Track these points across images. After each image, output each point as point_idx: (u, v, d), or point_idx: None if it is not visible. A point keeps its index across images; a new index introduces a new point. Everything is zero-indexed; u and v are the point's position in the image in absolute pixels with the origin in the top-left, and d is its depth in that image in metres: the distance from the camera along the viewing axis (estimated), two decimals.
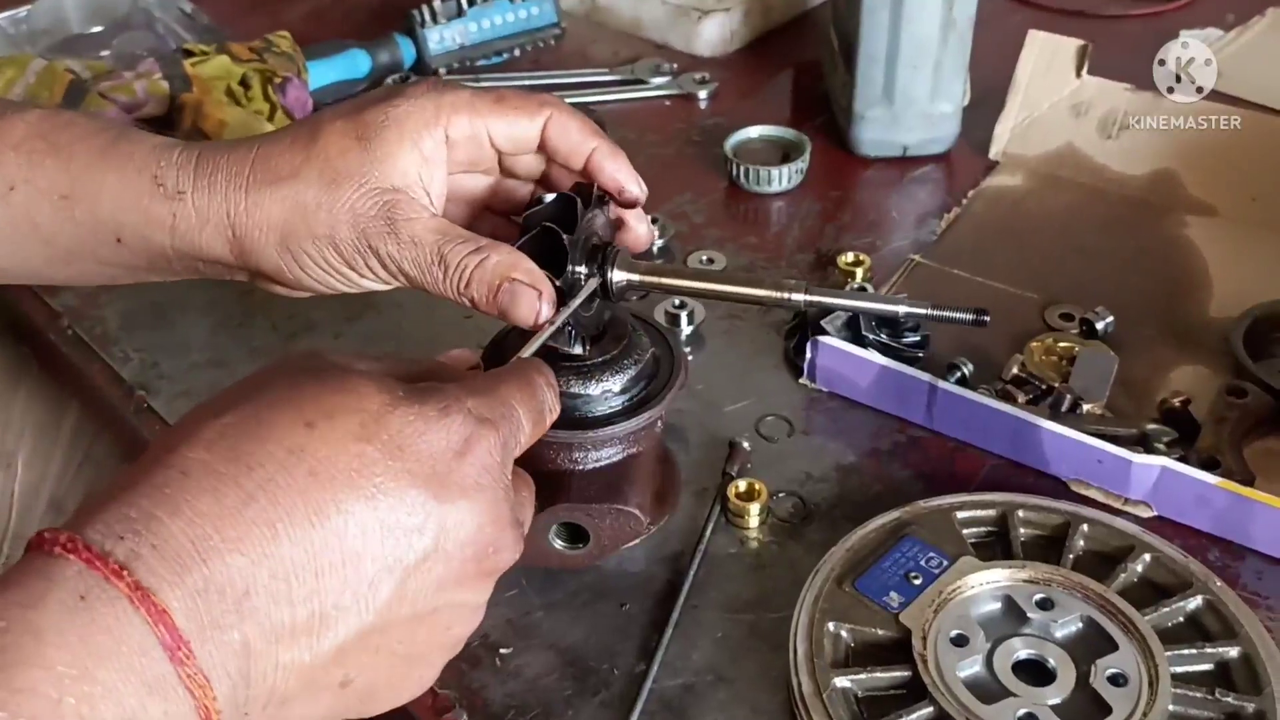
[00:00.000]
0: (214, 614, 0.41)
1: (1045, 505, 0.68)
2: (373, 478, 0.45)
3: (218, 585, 0.41)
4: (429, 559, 0.47)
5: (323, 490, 0.44)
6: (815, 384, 0.82)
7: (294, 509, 0.43)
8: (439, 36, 1.20)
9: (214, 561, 0.42)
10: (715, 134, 1.08)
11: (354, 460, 0.45)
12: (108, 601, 0.40)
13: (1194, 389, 0.78)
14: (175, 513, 0.42)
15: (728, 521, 0.72)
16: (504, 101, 0.62)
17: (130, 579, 0.40)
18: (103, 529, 0.41)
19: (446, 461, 0.48)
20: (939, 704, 0.57)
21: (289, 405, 0.46)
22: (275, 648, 0.43)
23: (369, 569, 0.45)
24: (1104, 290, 0.88)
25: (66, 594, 0.39)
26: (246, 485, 0.43)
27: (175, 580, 0.41)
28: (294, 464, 0.44)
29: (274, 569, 0.43)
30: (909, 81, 1.01)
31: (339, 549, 0.44)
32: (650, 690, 0.63)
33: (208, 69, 1.05)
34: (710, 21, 1.23)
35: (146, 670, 0.39)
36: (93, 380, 0.88)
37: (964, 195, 1.01)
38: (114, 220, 0.63)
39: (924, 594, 0.63)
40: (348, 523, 0.45)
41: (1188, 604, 0.63)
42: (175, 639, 0.40)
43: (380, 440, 0.46)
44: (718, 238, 0.98)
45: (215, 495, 0.43)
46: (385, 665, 0.48)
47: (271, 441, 0.44)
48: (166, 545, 0.41)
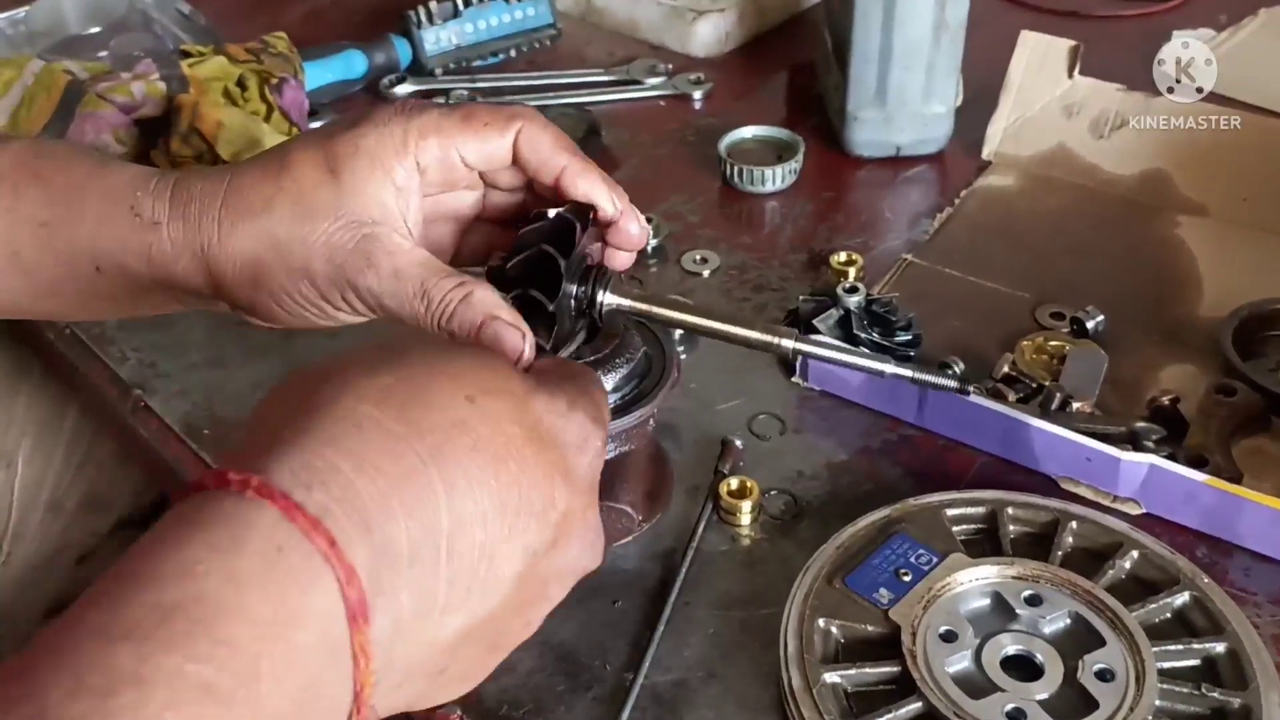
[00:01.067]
0: (388, 578, 0.40)
1: (1034, 503, 0.69)
2: (522, 461, 0.45)
3: (393, 549, 0.40)
4: (550, 552, 0.46)
5: (483, 468, 0.43)
6: (807, 382, 0.82)
7: (456, 482, 0.42)
8: (435, 37, 1.21)
9: (391, 524, 0.40)
10: (709, 134, 1.09)
11: (509, 442, 0.44)
12: (304, 556, 0.38)
13: (1183, 387, 0.78)
14: (359, 469, 0.40)
15: (719, 519, 0.73)
16: (472, 119, 0.60)
17: (326, 533, 0.38)
18: (290, 477, 0.39)
19: (573, 457, 0.48)
20: (928, 699, 0.58)
21: (446, 376, 0.45)
22: (422, 624, 0.42)
23: (506, 553, 0.44)
24: (1095, 289, 0.88)
25: (267, 545, 0.37)
26: (420, 449, 0.42)
27: (361, 539, 0.39)
28: (458, 435, 0.43)
29: (436, 540, 0.41)
30: (902, 82, 1.01)
31: (485, 529, 0.43)
32: (642, 686, 0.63)
33: (205, 70, 1.06)
34: (705, 22, 1.23)
35: (329, 633, 0.38)
36: (91, 380, 0.89)
37: (956, 195, 1.01)
38: (93, 249, 0.62)
39: (913, 590, 0.63)
40: (496, 504, 0.44)
41: (1175, 600, 0.63)
42: (360, 604, 0.38)
43: (527, 425, 0.46)
44: (711, 237, 0.98)
45: (394, 456, 0.41)
46: (476, 657, 0.47)
47: (437, 410, 0.43)
48: (353, 500, 0.39)
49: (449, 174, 0.61)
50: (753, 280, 0.93)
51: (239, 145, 1.03)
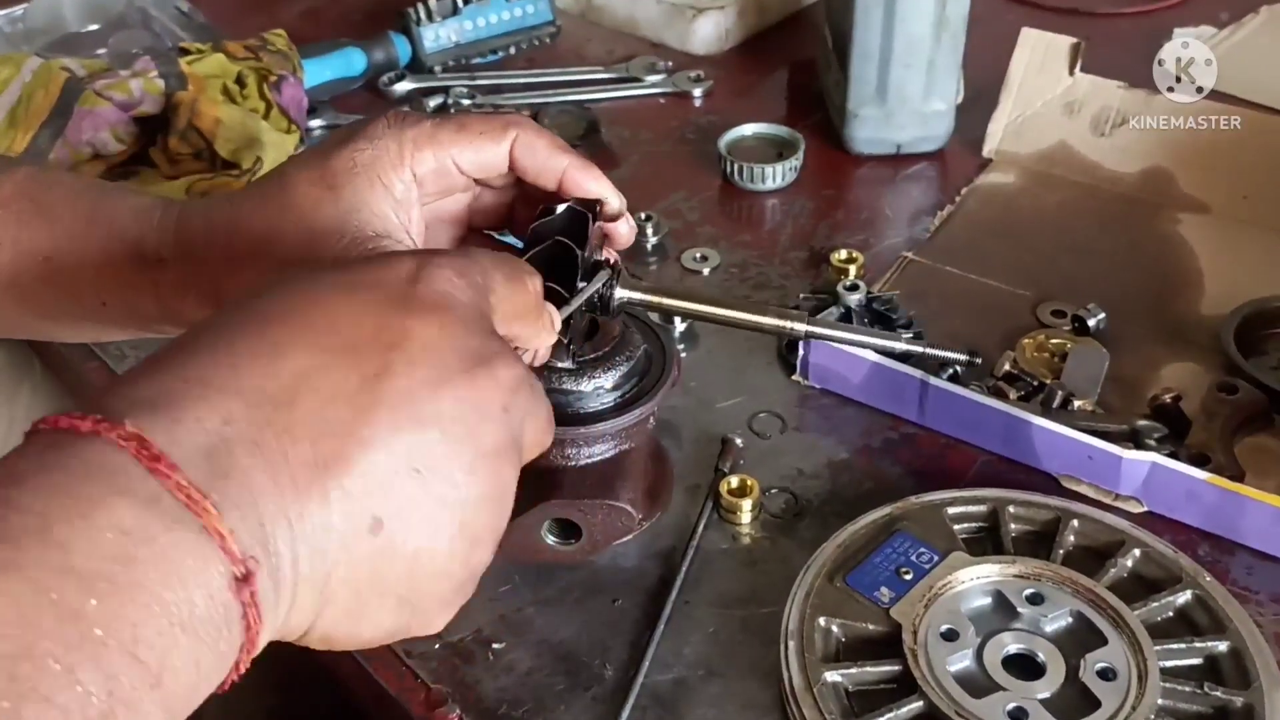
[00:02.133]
0: (198, 441, 0.39)
1: (1036, 501, 0.68)
2: (327, 305, 0.44)
3: (192, 418, 0.39)
4: (408, 372, 0.43)
5: (278, 328, 0.43)
6: (808, 381, 0.82)
7: (254, 349, 0.42)
8: (434, 35, 1.20)
9: (179, 400, 0.40)
10: (709, 132, 1.08)
11: (302, 300, 0.44)
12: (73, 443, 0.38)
13: (1185, 385, 0.78)
14: (137, 375, 0.41)
15: (720, 517, 0.72)
16: (467, 129, 0.60)
17: (93, 420, 0.38)
18: (97, 403, 0.39)
19: (405, 281, 0.46)
20: (929, 698, 0.58)
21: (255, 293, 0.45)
22: (278, 481, 0.40)
23: (344, 392, 0.42)
24: (1096, 287, 0.88)
25: (39, 445, 0.38)
26: (204, 338, 0.42)
27: (144, 415, 0.39)
28: (246, 316, 0.43)
29: (249, 401, 0.40)
30: (902, 80, 1.01)
31: (304, 378, 0.42)
32: (642, 685, 0.63)
33: (203, 67, 1.05)
34: (705, 20, 1.23)
35: (132, 487, 0.37)
36: (90, 379, 0.88)
37: (957, 193, 1.01)
38: (97, 284, 0.62)
39: (915, 589, 0.63)
40: (309, 350, 0.42)
41: (1177, 599, 0.63)
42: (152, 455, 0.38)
43: (327, 280, 0.45)
44: (711, 235, 0.98)
45: (175, 353, 0.42)
46: (413, 499, 0.43)
47: (230, 307, 0.44)
48: (130, 397, 0.40)
49: (445, 182, 0.61)
50: (753, 278, 0.93)
51: (237, 142, 1.02)
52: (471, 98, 1.17)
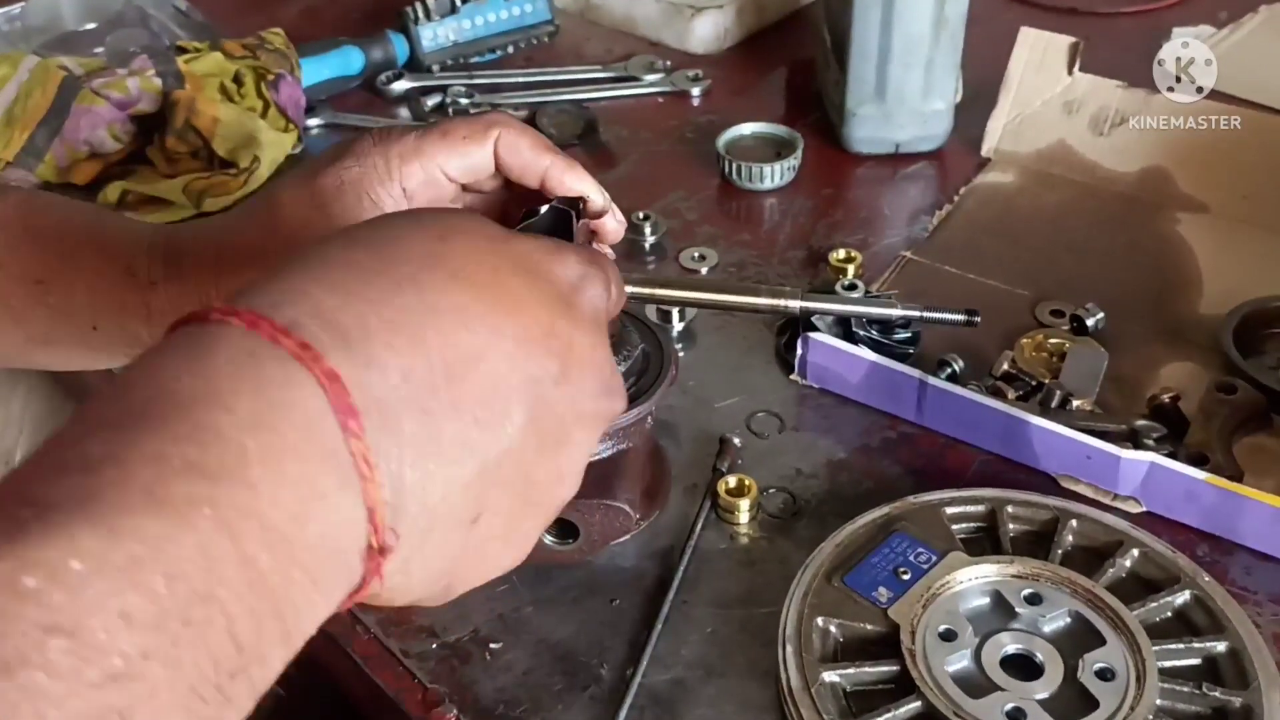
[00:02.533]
0: (378, 394, 0.37)
1: (1034, 501, 0.68)
2: (510, 289, 0.43)
3: (379, 365, 0.37)
4: (559, 384, 0.44)
5: (465, 293, 0.41)
6: (806, 380, 0.82)
7: (439, 307, 0.40)
8: (432, 34, 1.20)
9: (374, 340, 0.38)
10: (708, 131, 1.08)
11: (491, 272, 0.42)
12: (277, 361, 0.36)
13: (1184, 385, 0.78)
14: (332, 289, 0.38)
15: (718, 517, 0.72)
16: (450, 135, 0.60)
17: (298, 338, 0.36)
18: (258, 300, 0.37)
19: (569, 288, 0.46)
20: (927, 698, 0.58)
21: (416, 225, 0.43)
22: (429, 451, 0.39)
23: (510, 381, 0.42)
24: (1095, 287, 0.88)
25: (235, 350, 0.36)
26: (394, 275, 0.40)
27: (339, 350, 0.37)
28: (435, 265, 0.41)
29: (427, 360, 0.39)
30: (901, 79, 1.01)
31: (479, 350, 0.41)
32: (640, 685, 0.63)
33: (201, 66, 1.05)
34: (703, 19, 1.23)
35: (321, 438, 0.35)
36: (88, 377, 0.88)
37: (956, 192, 1.01)
38: (90, 308, 0.62)
39: (913, 589, 0.63)
40: (488, 327, 0.41)
41: (1176, 599, 0.63)
42: (347, 407, 0.36)
43: (511, 256, 0.44)
44: (710, 234, 0.98)
45: (364, 279, 0.39)
46: (507, 506, 0.44)
47: (408, 245, 0.42)
48: (326, 318, 0.37)
49: (435, 192, 0.61)
50: (751, 277, 0.93)
51: (235, 141, 1.02)
52: (469, 97, 1.16)
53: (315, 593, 0.35)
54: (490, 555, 0.45)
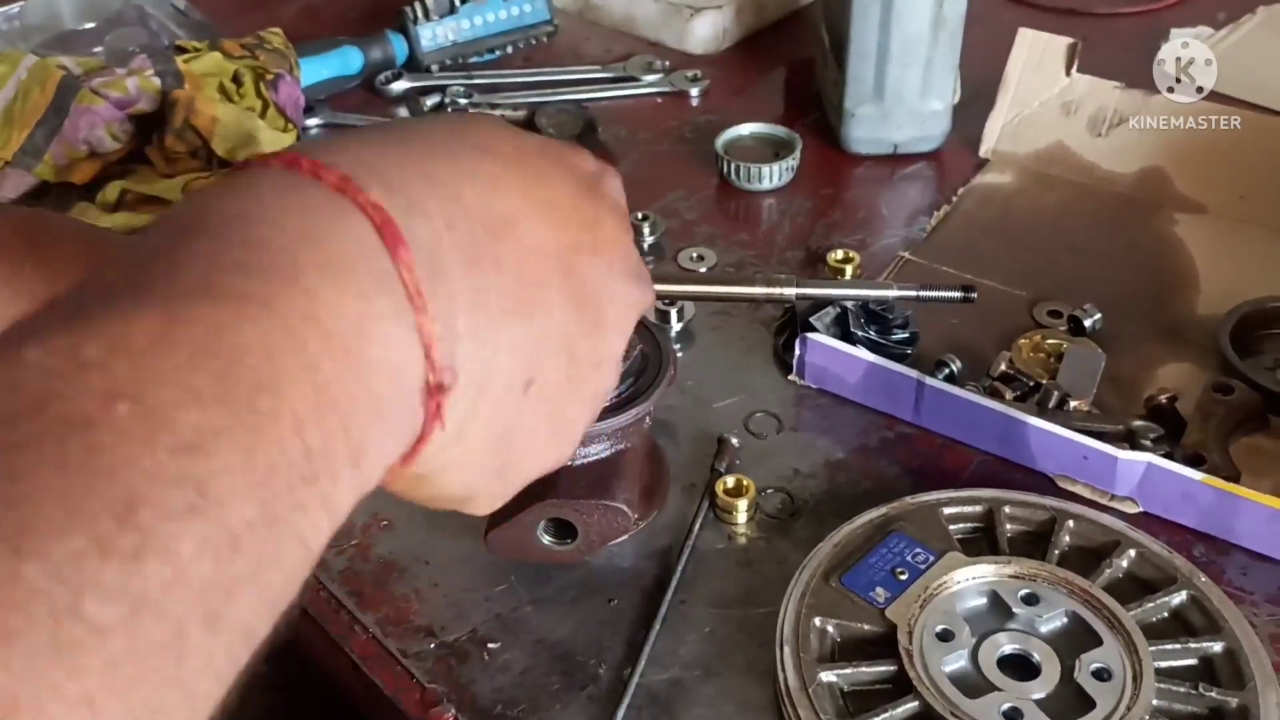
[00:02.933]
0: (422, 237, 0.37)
1: (1031, 501, 0.69)
2: (538, 165, 0.44)
3: (422, 211, 0.37)
4: (593, 256, 0.45)
5: (494, 164, 0.42)
6: (804, 381, 0.82)
7: (472, 172, 0.41)
8: (431, 33, 1.20)
9: (414, 189, 0.38)
10: (707, 131, 1.08)
11: (516, 149, 0.43)
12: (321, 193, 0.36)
13: (1181, 386, 0.78)
14: (368, 145, 0.39)
15: (716, 517, 0.72)
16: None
17: (338, 173, 0.36)
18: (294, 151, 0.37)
19: (591, 175, 0.48)
20: (924, 698, 0.58)
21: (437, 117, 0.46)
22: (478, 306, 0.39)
23: (545, 249, 0.42)
24: (1092, 287, 0.88)
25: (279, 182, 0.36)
26: (426, 144, 0.41)
27: (382, 189, 0.36)
28: (463, 139, 0.42)
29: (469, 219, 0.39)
30: (899, 79, 1.01)
31: (515, 221, 0.41)
32: (638, 685, 0.63)
33: (200, 65, 1.05)
34: (702, 19, 1.23)
35: (372, 261, 0.35)
36: None
37: (954, 193, 1.01)
38: None
39: (910, 589, 0.63)
40: (519, 191, 0.42)
41: (1172, 599, 0.63)
42: (395, 235, 0.36)
43: (533, 140, 0.45)
44: (709, 234, 0.98)
45: (400, 147, 0.40)
46: (555, 379, 0.43)
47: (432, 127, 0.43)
48: (368, 162, 0.37)
49: None
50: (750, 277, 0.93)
51: (234, 141, 1.02)
52: (469, 97, 1.16)
53: (380, 422, 0.34)
54: (540, 438, 0.44)
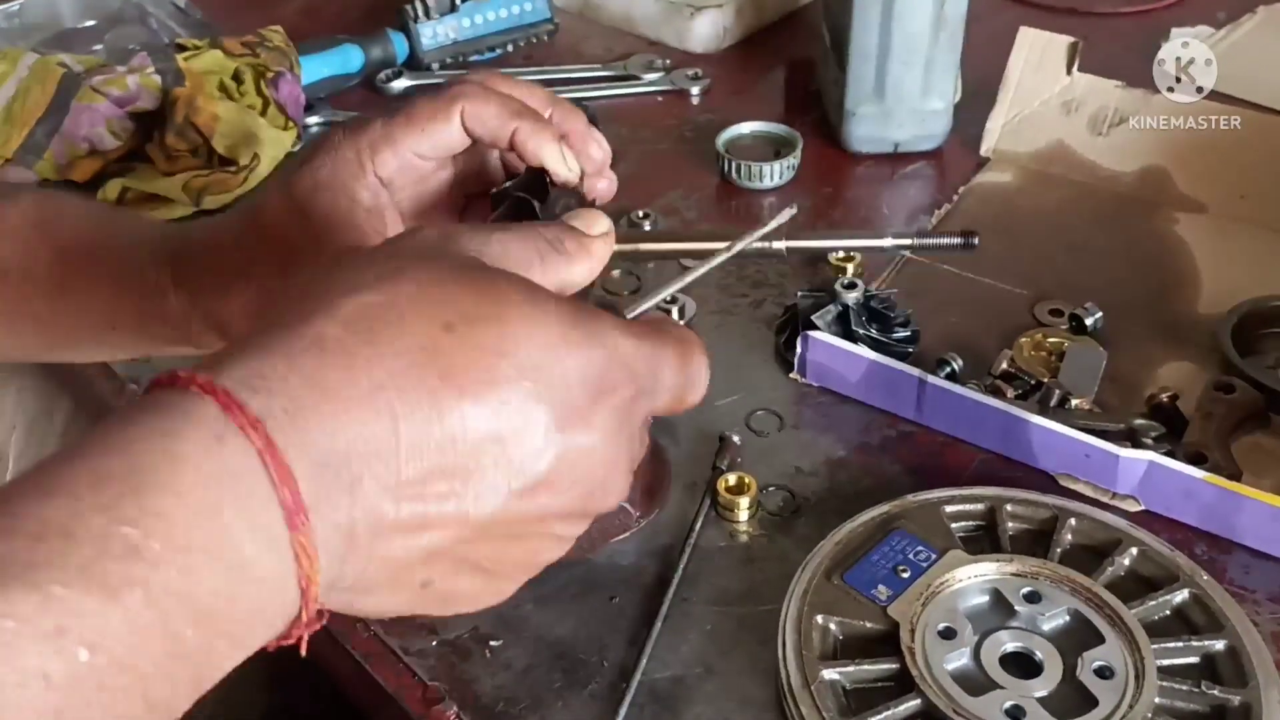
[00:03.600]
0: (329, 491, 0.39)
1: (1033, 499, 0.68)
2: (502, 393, 0.42)
3: (336, 463, 0.39)
4: (539, 488, 0.44)
5: (449, 395, 0.41)
6: (805, 379, 0.82)
7: (419, 406, 0.41)
8: (432, 32, 1.20)
9: (337, 439, 0.39)
10: (707, 130, 1.08)
11: (487, 373, 0.42)
12: (241, 451, 0.38)
13: (1182, 384, 0.78)
14: (308, 383, 0.40)
15: (717, 515, 0.72)
16: (415, 117, 0.59)
17: (264, 433, 0.38)
18: (239, 379, 0.39)
19: (579, 396, 0.44)
20: (926, 696, 0.58)
21: (429, 302, 0.42)
22: (375, 540, 0.41)
23: (478, 483, 0.42)
24: (1093, 286, 0.88)
25: (205, 432, 0.38)
26: (377, 373, 0.40)
27: (301, 448, 0.38)
28: (427, 362, 0.41)
29: (388, 462, 0.40)
30: (900, 78, 1.01)
31: (453, 456, 0.42)
32: (640, 683, 0.63)
33: (200, 63, 1.05)
34: (703, 18, 1.23)
35: (267, 526, 0.38)
36: (83, 373, 0.88)
37: (955, 192, 1.01)
38: (108, 312, 0.64)
39: (912, 587, 0.63)
40: (467, 433, 0.42)
41: (1174, 597, 0.63)
42: (297, 504, 0.38)
43: (518, 358, 0.43)
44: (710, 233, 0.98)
45: (348, 375, 0.40)
46: (468, 577, 0.45)
47: (409, 335, 0.41)
48: (298, 412, 0.39)
49: (415, 173, 0.61)
50: (751, 276, 0.93)
51: (234, 139, 1.02)
52: None
53: (237, 651, 0.38)
54: (447, 607, 0.46)
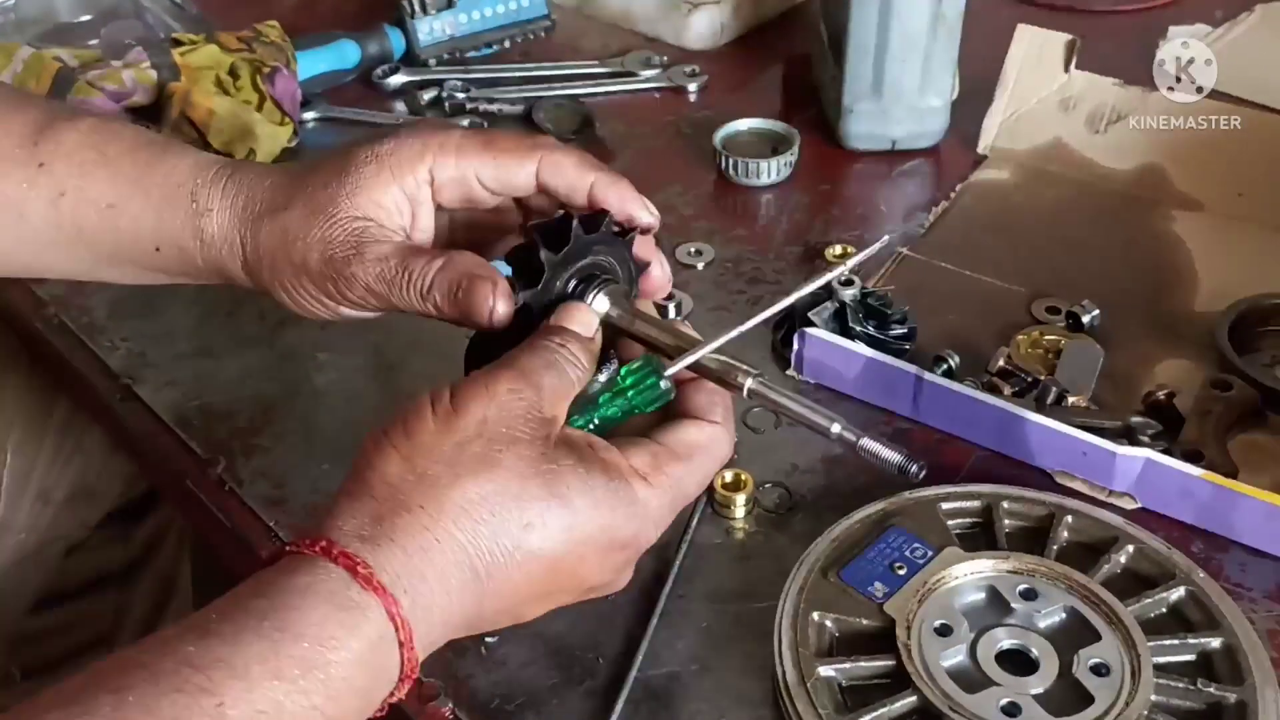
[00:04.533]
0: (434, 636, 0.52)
1: (1030, 496, 0.68)
2: (568, 574, 0.54)
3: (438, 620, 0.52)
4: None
5: (527, 581, 0.53)
6: (802, 375, 0.82)
7: (502, 593, 0.52)
8: (429, 28, 1.20)
9: (444, 613, 0.51)
10: (705, 127, 1.08)
11: (558, 560, 0.53)
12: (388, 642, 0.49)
13: (1179, 382, 0.78)
14: (439, 581, 0.51)
15: (714, 512, 0.72)
16: (493, 145, 0.62)
17: (409, 630, 0.50)
18: (392, 579, 0.49)
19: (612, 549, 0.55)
20: (923, 693, 0.58)
21: (516, 501, 0.52)
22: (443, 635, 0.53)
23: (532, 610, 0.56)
24: (1090, 284, 0.88)
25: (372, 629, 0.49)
26: (479, 566, 0.51)
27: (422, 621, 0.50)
28: (512, 560, 0.52)
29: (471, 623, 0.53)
30: (898, 75, 1.01)
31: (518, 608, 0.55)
32: (635, 679, 0.63)
33: (196, 58, 1.05)
34: (700, 15, 1.23)
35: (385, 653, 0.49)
36: (80, 370, 0.88)
37: (952, 189, 1.01)
38: (155, 230, 0.66)
39: (908, 584, 0.63)
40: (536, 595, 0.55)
41: (1170, 595, 0.63)
42: (412, 658, 0.50)
43: (582, 543, 0.54)
44: (706, 230, 0.98)
45: (458, 569, 0.51)
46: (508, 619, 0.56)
47: (504, 535, 0.51)
48: (426, 607, 0.50)
49: (467, 193, 0.63)
50: (747, 273, 0.93)
51: (230, 134, 1.02)
52: (466, 91, 1.16)
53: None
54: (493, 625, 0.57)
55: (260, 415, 0.82)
